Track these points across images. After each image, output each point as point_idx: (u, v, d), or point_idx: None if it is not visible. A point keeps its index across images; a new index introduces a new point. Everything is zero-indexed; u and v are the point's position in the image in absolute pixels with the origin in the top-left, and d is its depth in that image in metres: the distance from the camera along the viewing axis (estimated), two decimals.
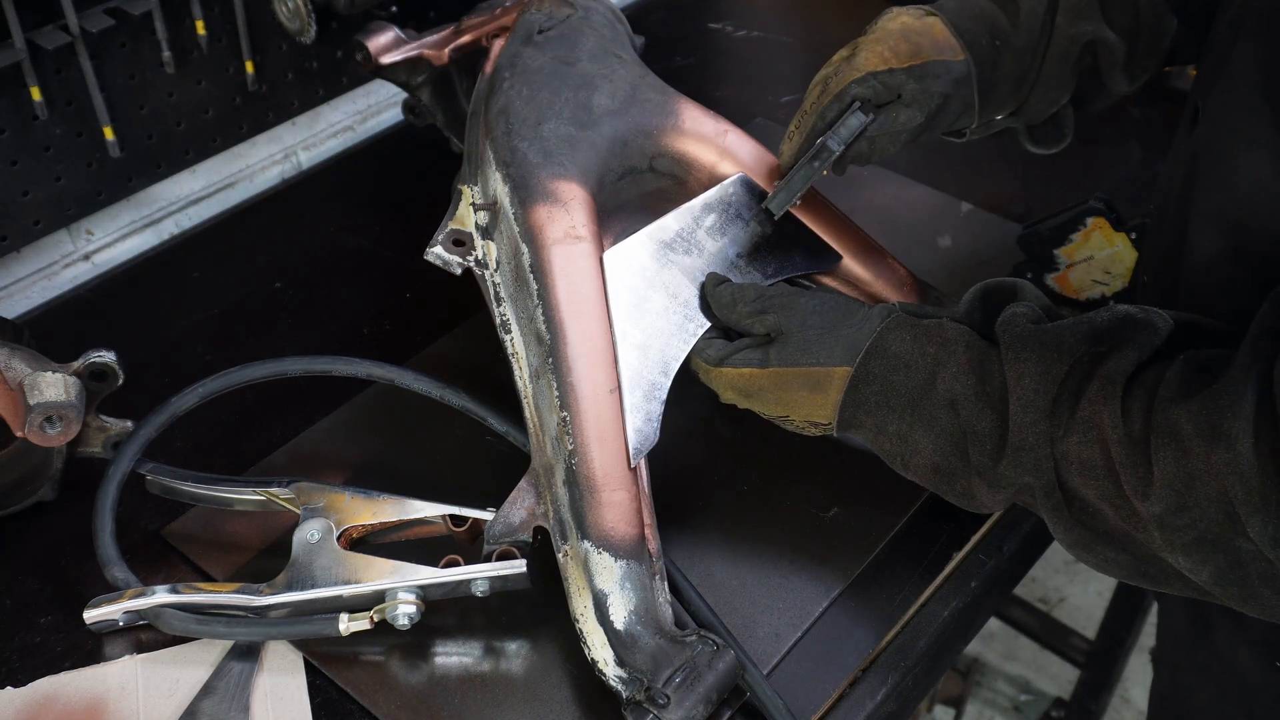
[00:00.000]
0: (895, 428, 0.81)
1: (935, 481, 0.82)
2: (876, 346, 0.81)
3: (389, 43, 1.17)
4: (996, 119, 0.98)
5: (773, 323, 0.85)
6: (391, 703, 0.82)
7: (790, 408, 0.85)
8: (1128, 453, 0.69)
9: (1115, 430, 0.70)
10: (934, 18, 0.94)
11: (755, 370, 0.85)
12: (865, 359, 0.81)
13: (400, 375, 0.96)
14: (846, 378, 0.82)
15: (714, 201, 0.96)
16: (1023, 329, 0.77)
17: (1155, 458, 0.68)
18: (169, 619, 0.83)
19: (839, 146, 0.90)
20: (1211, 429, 0.65)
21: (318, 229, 1.28)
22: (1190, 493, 0.67)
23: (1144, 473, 0.69)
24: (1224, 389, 0.66)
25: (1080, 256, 1.10)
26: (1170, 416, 0.68)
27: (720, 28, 1.58)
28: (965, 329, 0.80)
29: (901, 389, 0.80)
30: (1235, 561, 0.68)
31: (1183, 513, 0.67)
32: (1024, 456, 0.75)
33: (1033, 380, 0.74)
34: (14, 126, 1.10)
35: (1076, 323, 0.76)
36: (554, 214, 0.88)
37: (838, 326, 0.83)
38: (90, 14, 1.10)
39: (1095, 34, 0.93)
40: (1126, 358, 0.72)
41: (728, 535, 0.93)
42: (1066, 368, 0.73)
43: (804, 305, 0.85)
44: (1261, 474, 0.64)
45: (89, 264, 1.25)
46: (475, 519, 0.86)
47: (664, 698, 0.75)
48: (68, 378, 0.87)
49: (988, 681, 2.23)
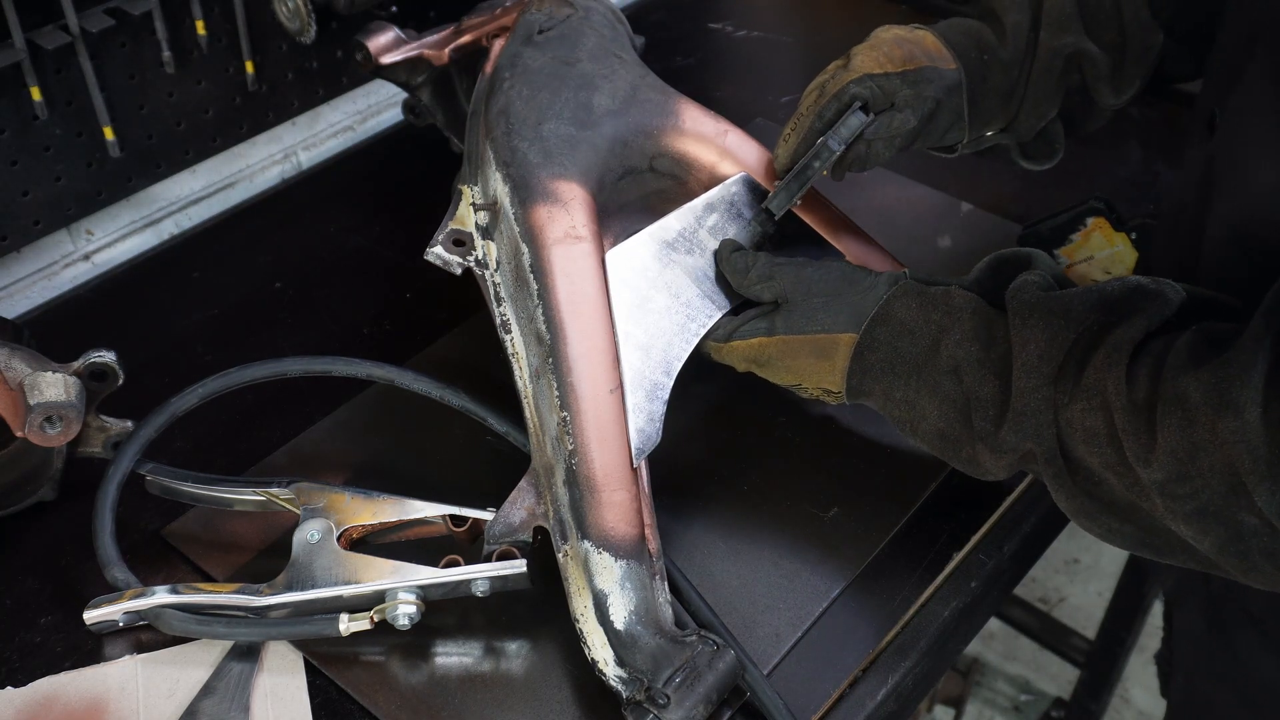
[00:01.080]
0: (902, 394, 0.82)
1: (942, 448, 0.83)
2: (882, 313, 0.82)
3: (389, 43, 1.17)
4: (987, 134, 1.00)
5: (780, 289, 0.87)
6: (391, 703, 0.82)
7: (800, 375, 0.86)
8: (1130, 420, 0.69)
9: (1119, 397, 0.70)
10: (924, 31, 0.96)
11: (764, 339, 0.86)
12: (871, 325, 0.82)
13: (400, 375, 0.96)
14: (852, 344, 0.83)
15: (716, 201, 0.96)
16: (1032, 296, 0.77)
17: (1160, 425, 0.68)
18: (169, 619, 0.82)
19: (839, 146, 0.91)
20: (1220, 397, 0.65)
21: (318, 229, 1.28)
22: (1193, 462, 0.67)
23: (1146, 440, 0.69)
24: (1234, 358, 0.66)
25: (1080, 256, 1.10)
26: (1178, 384, 0.68)
27: (720, 28, 1.58)
28: (973, 296, 0.81)
29: (907, 355, 0.81)
30: (1237, 534, 0.68)
31: (1185, 481, 0.67)
32: (1025, 422, 0.75)
33: (1038, 346, 0.75)
34: (14, 126, 1.10)
35: (1086, 291, 0.76)
36: (554, 214, 0.88)
37: (844, 293, 0.84)
38: (90, 14, 1.10)
39: (1078, 46, 0.94)
40: (1135, 326, 0.72)
41: (728, 535, 0.93)
42: (1074, 335, 0.74)
43: (810, 274, 0.87)
44: (1270, 443, 0.64)
45: (89, 264, 1.25)
46: (475, 519, 0.86)
47: (664, 698, 0.75)
48: (68, 378, 0.87)
49: (988, 681, 2.23)
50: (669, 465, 0.88)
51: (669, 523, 0.90)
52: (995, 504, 0.96)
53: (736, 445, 1.00)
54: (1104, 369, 0.71)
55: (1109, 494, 0.74)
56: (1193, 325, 0.72)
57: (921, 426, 0.82)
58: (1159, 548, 0.74)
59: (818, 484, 0.96)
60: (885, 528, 0.93)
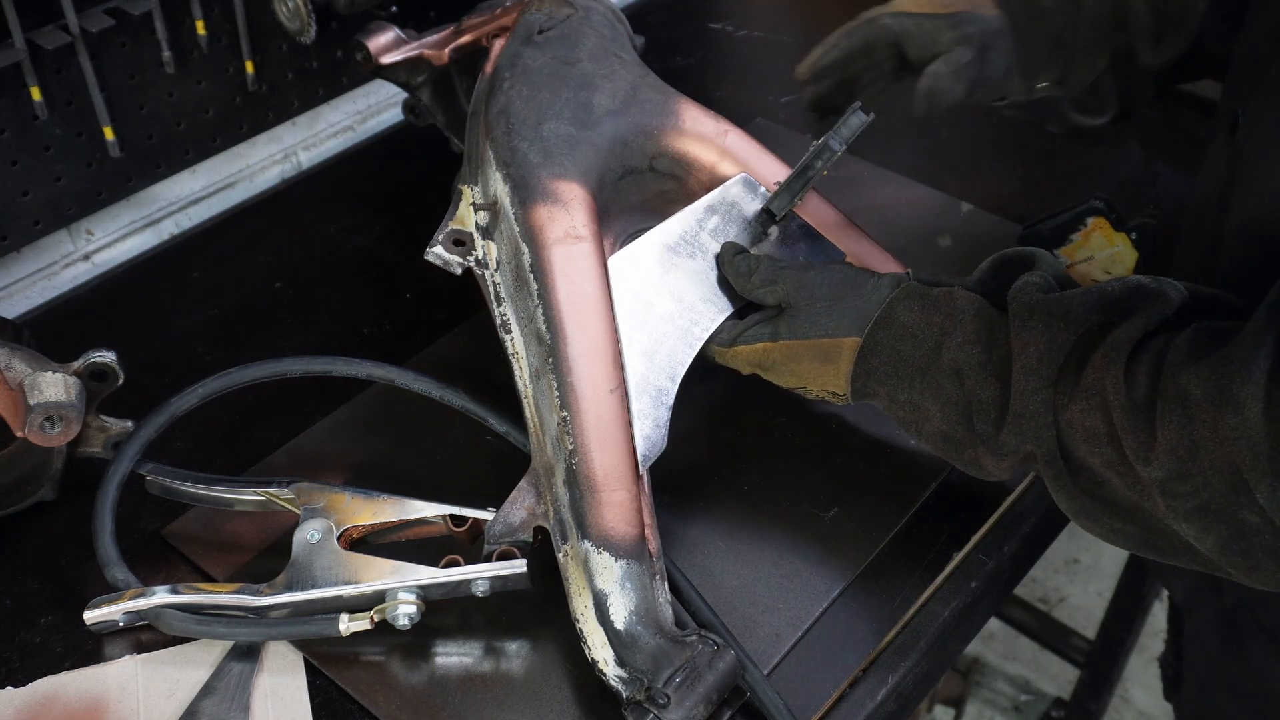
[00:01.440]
0: (906, 396, 0.82)
1: (945, 450, 0.82)
2: (885, 316, 0.82)
3: (389, 43, 1.16)
4: (1039, 86, 0.98)
5: (783, 294, 0.87)
6: (391, 703, 0.82)
7: (805, 379, 0.86)
8: (1130, 418, 0.69)
9: (1118, 396, 0.70)
10: None
11: (768, 344, 0.86)
12: (874, 329, 0.82)
13: (400, 375, 0.96)
14: (855, 348, 0.82)
15: (716, 203, 0.96)
16: (1032, 297, 0.77)
17: (1160, 422, 0.67)
18: (169, 619, 0.82)
19: (840, 146, 0.90)
20: (1220, 394, 0.65)
21: (318, 229, 1.28)
22: (1194, 459, 0.66)
23: (1146, 437, 0.68)
24: (1234, 354, 0.65)
25: (1080, 256, 1.10)
26: (1178, 381, 0.67)
27: (720, 28, 1.58)
28: (976, 298, 0.81)
29: (909, 358, 0.81)
30: (1239, 533, 0.67)
31: (1185, 479, 0.67)
32: (1025, 424, 0.75)
33: (1037, 348, 0.74)
34: (14, 126, 1.10)
35: (1086, 292, 0.75)
36: (554, 214, 0.88)
37: (846, 297, 0.84)
38: (90, 14, 1.10)
39: None
40: (1134, 325, 0.72)
41: (728, 535, 0.93)
42: (1074, 337, 0.73)
43: (813, 278, 0.86)
44: (1271, 440, 0.63)
45: (89, 264, 1.25)
46: (475, 519, 0.86)
47: (664, 698, 0.75)
48: (68, 378, 0.87)
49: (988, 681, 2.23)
50: (669, 465, 0.88)
51: (669, 523, 0.90)
52: (995, 504, 0.96)
53: (737, 445, 1.00)
54: (1102, 368, 0.71)
55: (1110, 494, 0.74)
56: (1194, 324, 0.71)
57: (925, 428, 0.82)
58: (1161, 548, 0.74)
59: (818, 484, 0.96)
60: (885, 528, 0.93)
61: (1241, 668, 0.91)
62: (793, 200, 0.94)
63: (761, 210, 0.96)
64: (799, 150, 0.94)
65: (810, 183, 0.93)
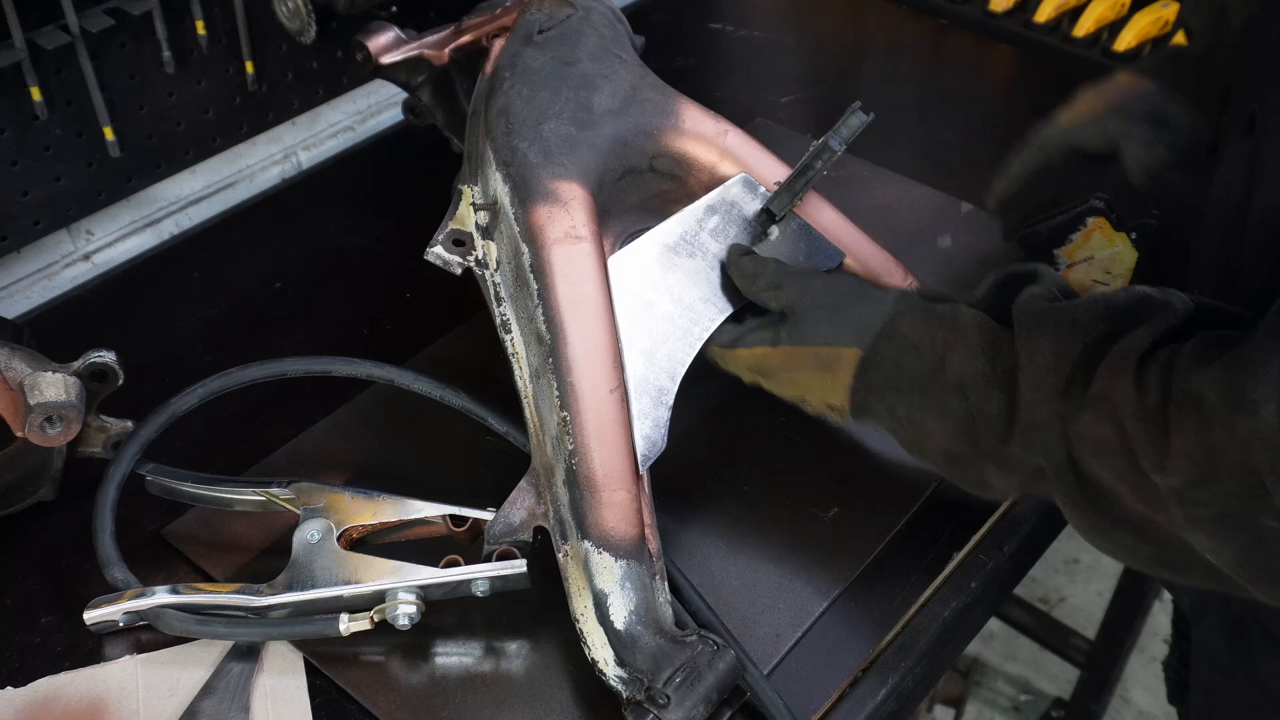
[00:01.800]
0: (906, 412, 0.81)
1: (948, 468, 0.81)
2: (887, 329, 0.81)
3: (389, 43, 1.17)
4: None
5: (787, 299, 0.86)
6: (391, 703, 0.82)
7: (804, 388, 0.85)
8: (1142, 426, 0.67)
9: (1129, 404, 0.68)
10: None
11: (767, 349, 0.86)
12: (875, 341, 0.81)
13: (400, 375, 0.96)
14: (856, 359, 0.82)
15: (716, 203, 0.95)
16: (1038, 306, 0.76)
17: (1174, 428, 0.66)
18: (169, 619, 0.82)
19: (840, 146, 0.91)
20: (1235, 395, 0.63)
21: (318, 229, 1.28)
22: (1211, 465, 0.64)
23: (1160, 444, 0.66)
24: (1249, 354, 0.64)
25: (1080, 256, 1.10)
26: (1191, 385, 0.65)
27: (720, 28, 1.58)
28: (979, 314, 0.80)
29: (911, 372, 0.80)
30: (1258, 539, 0.65)
31: (1203, 486, 0.65)
32: (1034, 436, 0.73)
33: (1044, 358, 0.73)
34: (14, 126, 1.10)
35: (1093, 301, 0.74)
36: (554, 214, 0.88)
37: (850, 307, 0.84)
38: (90, 14, 1.10)
39: None
40: (1141, 335, 0.70)
41: (728, 535, 0.93)
42: (1081, 346, 0.72)
43: (818, 284, 0.86)
44: None
45: (89, 264, 1.25)
46: (475, 519, 0.86)
47: (664, 698, 0.75)
48: (68, 378, 0.87)
49: (988, 681, 2.23)
50: (669, 465, 0.88)
51: (669, 523, 0.90)
52: (995, 504, 0.96)
53: (737, 445, 1.00)
54: (1111, 378, 0.70)
55: (1122, 509, 0.72)
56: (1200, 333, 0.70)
57: (927, 445, 0.81)
58: (1175, 566, 0.72)
59: (818, 484, 0.96)
60: (885, 528, 0.93)
61: (1249, 676, 0.91)
62: (793, 200, 0.94)
63: (761, 210, 0.96)
64: (799, 150, 0.94)
65: (810, 183, 0.93)
